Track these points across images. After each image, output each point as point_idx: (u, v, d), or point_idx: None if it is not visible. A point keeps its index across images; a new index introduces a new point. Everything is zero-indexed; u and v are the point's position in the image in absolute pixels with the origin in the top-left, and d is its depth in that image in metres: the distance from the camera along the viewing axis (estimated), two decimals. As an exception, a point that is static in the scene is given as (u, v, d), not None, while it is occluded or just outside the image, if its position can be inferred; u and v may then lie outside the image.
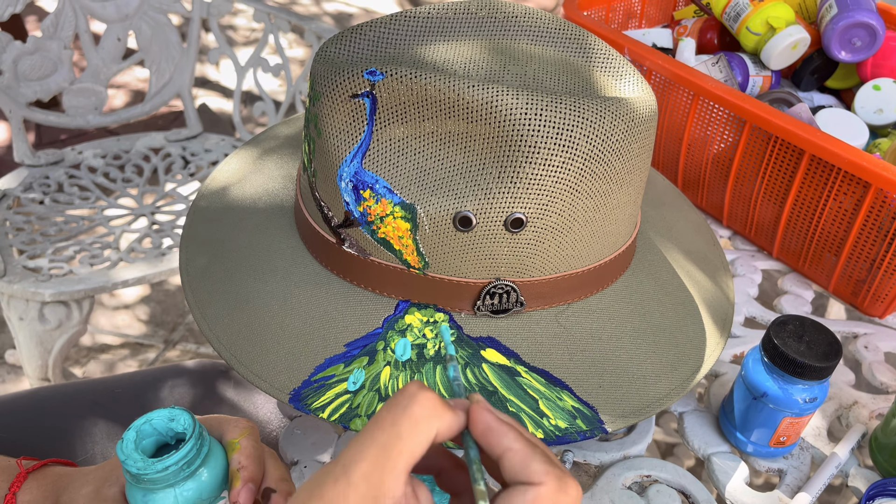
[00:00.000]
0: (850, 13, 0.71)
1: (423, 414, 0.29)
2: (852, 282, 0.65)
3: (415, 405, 0.29)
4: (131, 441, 0.38)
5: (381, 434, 0.29)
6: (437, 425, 0.30)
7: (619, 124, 0.44)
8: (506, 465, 0.30)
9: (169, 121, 1.95)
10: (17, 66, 1.17)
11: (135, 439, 0.38)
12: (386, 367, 0.45)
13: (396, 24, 0.48)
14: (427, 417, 0.29)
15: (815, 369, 0.47)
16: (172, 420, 0.40)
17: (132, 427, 0.39)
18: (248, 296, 0.49)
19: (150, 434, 0.40)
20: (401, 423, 0.29)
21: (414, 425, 0.29)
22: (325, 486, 0.28)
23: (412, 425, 0.29)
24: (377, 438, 0.29)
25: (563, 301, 0.49)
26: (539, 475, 0.29)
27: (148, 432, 0.39)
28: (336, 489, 0.28)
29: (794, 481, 0.52)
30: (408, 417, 0.29)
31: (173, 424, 0.40)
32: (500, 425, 0.31)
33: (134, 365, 1.41)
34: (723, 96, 0.65)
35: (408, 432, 0.29)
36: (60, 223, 1.14)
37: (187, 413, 0.40)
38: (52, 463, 0.45)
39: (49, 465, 0.45)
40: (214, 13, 1.28)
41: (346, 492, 0.28)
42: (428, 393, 0.30)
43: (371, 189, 0.45)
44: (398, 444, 0.29)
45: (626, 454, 0.53)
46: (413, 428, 0.29)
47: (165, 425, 0.40)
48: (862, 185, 0.59)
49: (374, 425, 0.29)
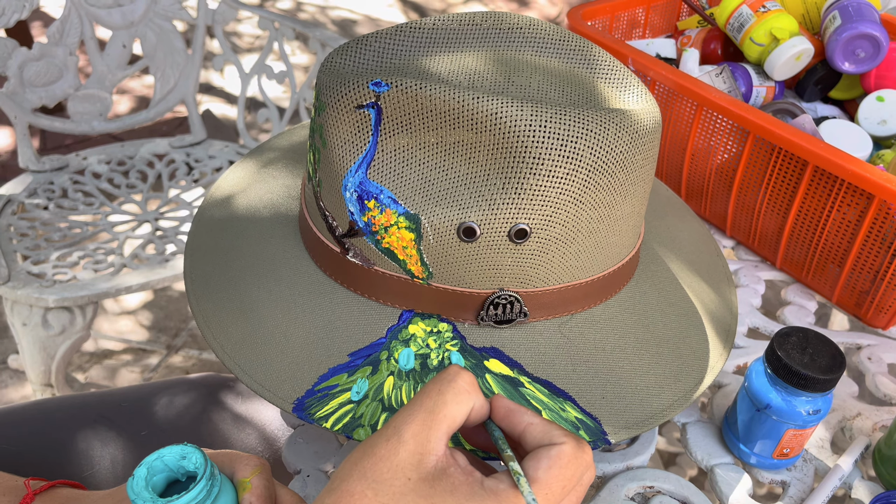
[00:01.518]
0: (854, 24, 0.72)
1: (465, 388, 0.35)
2: (856, 293, 0.65)
3: (459, 379, 0.35)
4: (142, 479, 0.37)
5: (429, 400, 0.34)
6: (475, 400, 0.35)
7: (623, 136, 0.44)
8: (528, 436, 0.35)
9: (173, 127, 1.96)
10: (22, 72, 1.17)
11: (145, 476, 0.37)
12: (389, 376, 0.45)
13: (401, 36, 0.48)
14: (468, 391, 0.35)
15: (818, 381, 0.47)
16: (184, 458, 0.38)
17: (143, 464, 0.38)
18: (252, 304, 0.49)
19: (161, 470, 0.38)
20: (446, 392, 0.34)
21: (457, 394, 0.34)
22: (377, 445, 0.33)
23: (455, 394, 0.34)
24: (425, 404, 0.34)
25: (567, 312, 0.49)
26: (560, 437, 0.35)
27: (159, 468, 0.38)
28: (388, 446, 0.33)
29: (797, 493, 0.52)
30: (452, 388, 0.34)
31: (185, 462, 0.38)
32: (518, 407, 0.36)
33: (136, 371, 1.41)
34: (726, 107, 0.66)
35: (452, 400, 0.34)
36: (64, 229, 1.14)
37: (199, 451, 0.39)
38: (60, 484, 0.45)
39: (57, 486, 0.45)
40: (219, 20, 1.29)
41: (396, 448, 0.33)
42: (469, 374, 0.36)
43: (376, 199, 0.45)
44: (444, 409, 0.34)
45: (629, 465, 0.53)
46: (456, 397, 0.34)
47: (177, 462, 0.38)
48: (865, 196, 0.59)
49: (421, 394, 0.35)
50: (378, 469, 0.32)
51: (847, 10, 0.74)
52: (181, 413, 0.64)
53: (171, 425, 0.63)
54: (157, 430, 0.62)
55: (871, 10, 0.74)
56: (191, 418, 0.63)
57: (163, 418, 0.63)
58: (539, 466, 0.34)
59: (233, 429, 0.64)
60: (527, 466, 0.34)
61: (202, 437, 0.62)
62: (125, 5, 1.22)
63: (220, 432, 0.63)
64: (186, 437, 0.61)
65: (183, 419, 0.63)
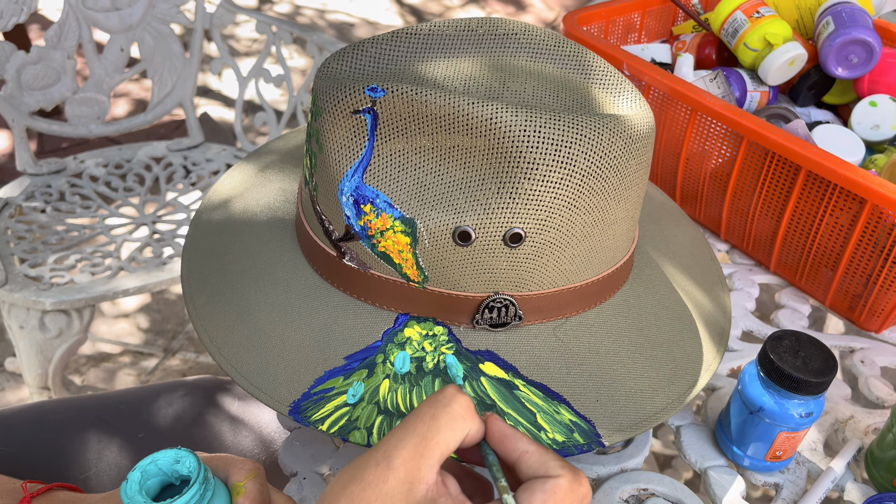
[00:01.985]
0: (847, 30, 0.72)
1: (461, 413, 0.33)
2: (849, 296, 0.66)
3: (455, 404, 0.33)
4: (136, 482, 0.37)
5: (422, 425, 0.32)
6: (470, 425, 0.33)
7: (617, 141, 0.44)
8: (524, 465, 0.34)
9: (170, 130, 1.96)
10: (20, 76, 1.18)
11: (139, 480, 0.37)
12: (385, 379, 0.46)
13: (397, 41, 0.49)
14: (463, 417, 0.33)
15: (810, 384, 0.48)
16: (178, 462, 0.39)
17: (137, 468, 0.38)
18: (249, 308, 0.50)
19: (154, 474, 0.39)
20: (441, 418, 0.33)
21: (451, 420, 0.33)
22: (366, 470, 0.32)
23: (450, 420, 0.33)
24: (417, 429, 0.32)
25: (562, 315, 0.49)
26: (556, 469, 0.33)
27: (153, 472, 0.39)
28: (377, 472, 0.31)
29: (790, 495, 0.53)
30: (447, 413, 0.33)
31: (178, 466, 0.39)
32: (514, 432, 0.35)
33: (134, 374, 1.41)
34: (720, 112, 0.66)
35: (446, 426, 0.32)
36: (62, 232, 1.14)
37: (193, 455, 0.39)
38: (58, 487, 0.45)
39: (54, 489, 0.45)
40: (217, 24, 1.29)
41: (385, 475, 0.31)
42: (466, 396, 0.34)
43: (372, 203, 0.45)
44: (437, 436, 0.32)
45: (624, 467, 0.53)
46: (451, 423, 0.33)
47: (171, 466, 0.39)
48: (858, 200, 0.60)
49: (414, 417, 0.33)
50: (366, 496, 0.31)
51: (840, 15, 0.74)
52: (178, 416, 0.64)
53: (167, 428, 0.63)
54: (154, 432, 0.62)
55: (864, 15, 0.74)
56: (187, 421, 0.64)
57: (160, 421, 0.63)
58: (534, 500, 0.32)
59: (229, 431, 0.64)
60: (521, 499, 0.33)
61: (199, 439, 0.63)
62: (123, 9, 1.23)
63: (216, 435, 0.64)
64: (183, 440, 0.62)
65: (180, 422, 0.63)
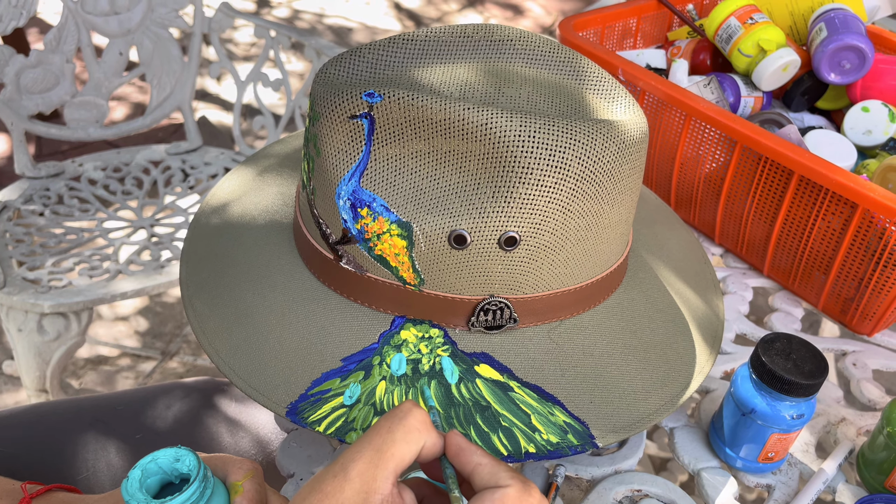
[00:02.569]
0: (840, 36, 0.73)
1: (416, 426, 0.34)
2: (841, 300, 0.66)
3: (410, 417, 0.35)
4: (136, 480, 0.38)
5: (378, 438, 0.34)
6: (425, 438, 0.35)
7: (611, 146, 0.45)
8: (476, 477, 0.35)
9: (169, 133, 1.96)
10: (19, 79, 1.18)
11: (139, 478, 0.38)
12: (381, 381, 0.46)
13: (394, 47, 0.49)
14: (418, 430, 0.34)
15: (801, 386, 0.48)
16: (178, 460, 0.39)
17: (137, 466, 0.39)
18: (246, 310, 0.50)
19: (154, 472, 0.39)
20: (396, 431, 0.34)
21: (407, 433, 0.34)
22: (324, 482, 0.33)
23: (405, 433, 0.34)
24: (374, 441, 0.34)
25: (556, 317, 0.50)
26: (506, 479, 0.34)
27: (153, 471, 0.39)
28: (334, 483, 0.33)
29: (782, 497, 0.53)
30: (403, 426, 0.34)
31: (178, 465, 0.39)
32: (469, 446, 0.36)
33: (132, 377, 1.41)
34: (714, 117, 0.67)
35: (402, 439, 0.34)
36: (60, 235, 1.15)
37: (193, 454, 0.39)
38: (56, 488, 0.46)
39: (53, 489, 0.45)
40: (216, 28, 1.30)
41: (342, 486, 0.32)
42: (420, 410, 0.35)
43: (368, 207, 0.46)
44: (391, 448, 0.33)
45: (618, 469, 0.54)
46: (406, 436, 0.34)
47: (171, 465, 0.39)
48: (849, 205, 0.60)
49: (371, 431, 0.34)
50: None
51: (833, 22, 0.75)
52: (176, 417, 0.64)
53: (165, 429, 0.63)
54: (152, 433, 0.63)
55: (857, 22, 0.75)
56: (185, 422, 0.64)
57: (157, 422, 0.64)
58: None
59: (227, 432, 0.64)
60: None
61: (196, 440, 0.63)
62: (122, 13, 1.23)
63: (214, 436, 0.64)
64: (181, 441, 0.62)
65: (177, 423, 0.64)
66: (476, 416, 0.46)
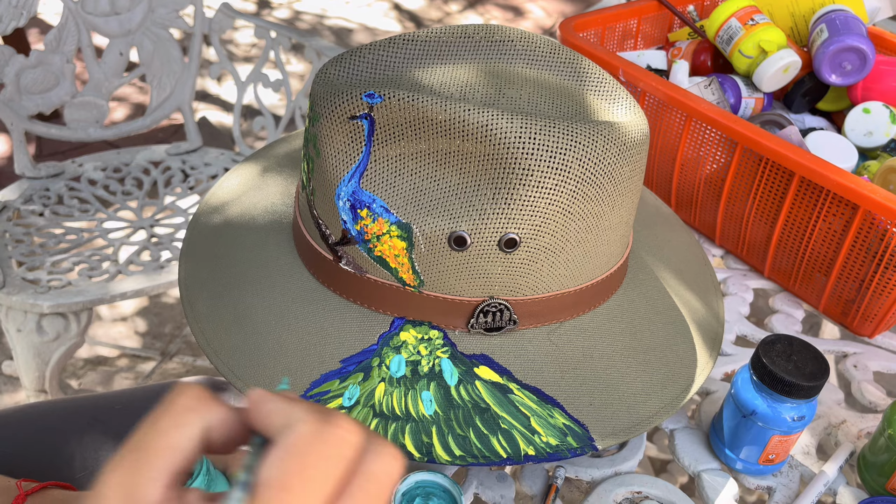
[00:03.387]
0: (841, 38, 0.73)
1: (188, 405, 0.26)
2: (842, 301, 0.66)
3: (180, 398, 0.26)
4: None
5: (140, 435, 0.25)
6: (205, 417, 0.26)
7: (611, 148, 0.45)
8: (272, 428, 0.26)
9: (169, 134, 1.96)
10: (19, 80, 1.18)
11: None
12: (381, 383, 0.46)
13: (395, 48, 0.49)
14: (192, 409, 0.26)
15: (802, 388, 0.48)
16: None
17: None
18: (245, 311, 0.50)
19: None
20: (161, 420, 0.25)
21: (175, 417, 0.25)
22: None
23: (173, 418, 0.25)
24: (135, 441, 0.25)
25: (556, 319, 0.50)
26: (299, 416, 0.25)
27: None
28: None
29: (782, 499, 0.53)
30: (170, 412, 0.26)
31: None
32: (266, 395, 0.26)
33: (131, 377, 1.41)
34: (715, 118, 0.67)
35: (170, 425, 0.25)
36: (60, 235, 1.15)
37: None
38: (52, 485, 0.46)
39: (48, 487, 0.45)
40: (216, 28, 1.30)
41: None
42: (196, 387, 0.27)
43: (368, 208, 0.46)
44: (157, 441, 0.25)
45: (618, 470, 0.54)
46: (174, 421, 0.25)
47: None
48: (850, 206, 0.60)
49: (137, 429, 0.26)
50: None
51: (834, 23, 0.75)
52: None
53: None
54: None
55: (858, 23, 0.75)
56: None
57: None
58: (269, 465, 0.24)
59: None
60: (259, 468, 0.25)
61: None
62: (122, 14, 1.23)
63: None
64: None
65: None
66: (475, 418, 0.45)
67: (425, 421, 0.45)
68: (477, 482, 0.52)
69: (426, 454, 0.44)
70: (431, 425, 0.45)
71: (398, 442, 0.44)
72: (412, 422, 0.45)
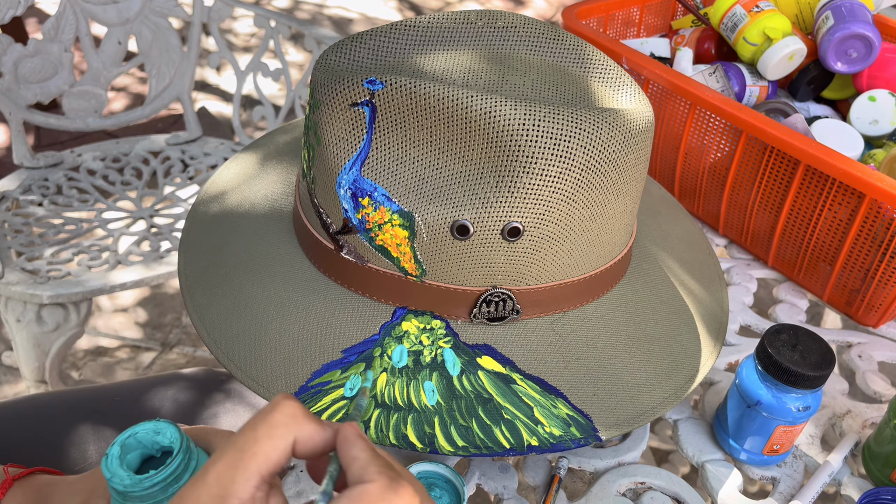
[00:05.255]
0: (846, 25, 0.72)
1: (282, 420, 0.31)
2: (846, 291, 0.66)
3: (275, 412, 0.31)
4: (115, 457, 0.37)
5: (241, 437, 0.31)
6: (294, 432, 0.31)
7: (616, 135, 0.44)
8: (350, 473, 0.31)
9: (168, 124, 1.95)
10: (17, 69, 1.17)
11: (119, 455, 0.37)
12: (382, 373, 0.46)
13: (396, 34, 0.48)
14: (285, 423, 0.31)
15: (808, 378, 0.48)
16: (158, 433, 0.38)
17: (116, 442, 0.37)
18: (246, 301, 0.49)
19: (134, 447, 0.38)
20: (259, 428, 0.31)
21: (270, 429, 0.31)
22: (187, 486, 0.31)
23: (269, 429, 0.31)
24: (237, 441, 0.31)
25: (559, 309, 0.49)
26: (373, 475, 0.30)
27: (133, 446, 0.38)
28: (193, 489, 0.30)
29: (787, 489, 0.53)
30: (266, 422, 0.31)
31: (159, 438, 0.38)
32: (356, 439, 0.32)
33: (131, 367, 1.41)
34: (719, 106, 0.66)
35: (264, 436, 0.31)
36: (59, 226, 1.14)
37: (173, 426, 0.38)
38: (39, 471, 0.45)
39: (35, 472, 0.45)
40: (215, 17, 1.29)
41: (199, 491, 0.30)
42: (291, 402, 0.32)
43: (370, 197, 0.45)
44: (253, 447, 0.30)
45: (621, 461, 0.53)
46: (270, 431, 0.31)
47: (151, 438, 0.38)
48: (856, 195, 0.59)
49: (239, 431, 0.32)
50: None
51: (840, 10, 0.74)
52: (174, 407, 0.64)
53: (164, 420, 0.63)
54: (151, 425, 0.62)
55: (863, 10, 0.74)
56: (183, 413, 0.64)
57: (156, 412, 0.63)
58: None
59: (226, 422, 0.64)
60: None
61: (195, 432, 0.63)
62: (120, 2, 1.22)
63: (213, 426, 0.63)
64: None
65: (176, 413, 0.63)
66: (478, 408, 0.45)
67: (428, 411, 0.45)
68: (479, 473, 0.52)
69: (428, 445, 0.44)
70: (434, 416, 0.45)
71: (400, 433, 0.44)
72: (414, 412, 0.45)
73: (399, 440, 0.44)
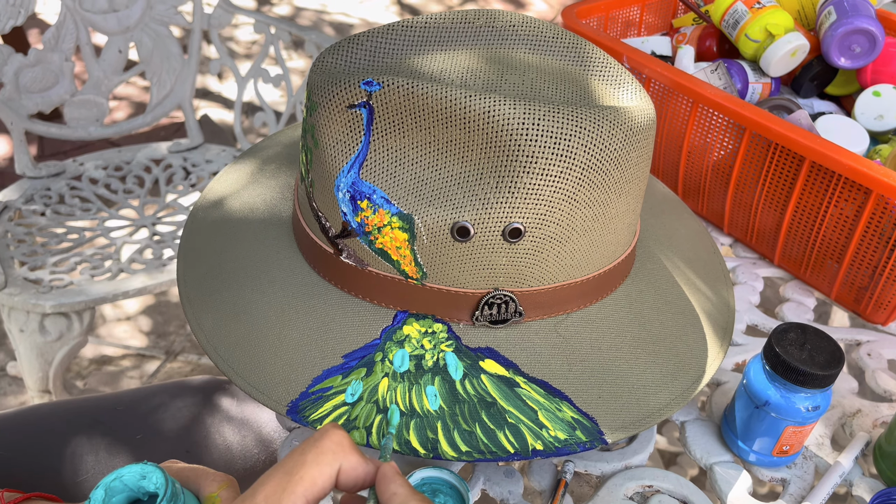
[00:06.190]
0: (850, 20, 0.71)
1: (330, 447, 0.33)
2: (854, 289, 0.65)
3: (325, 439, 0.34)
4: (99, 500, 0.36)
5: (289, 461, 0.33)
6: (340, 460, 0.33)
7: (618, 134, 0.43)
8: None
9: (170, 132, 1.95)
10: (18, 79, 1.17)
11: (103, 499, 0.36)
12: (384, 378, 0.45)
13: (393, 34, 0.48)
14: (333, 451, 0.33)
15: (817, 377, 0.47)
16: (144, 478, 0.37)
17: (101, 485, 0.36)
18: (245, 306, 0.49)
19: (120, 490, 0.37)
20: (308, 453, 0.33)
21: (318, 455, 0.33)
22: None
23: (317, 455, 0.33)
24: (286, 464, 0.33)
25: (563, 311, 0.49)
26: None
27: (118, 489, 0.37)
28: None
29: (797, 491, 0.52)
30: (315, 448, 0.33)
31: (144, 483, 0.37)
32: (396, 475, 0.34)
33: (135, 376, 1.41)
34: (722, 103, 0.65)
35: (312, 461, 0.33)
36: (61, 235, 1.14)
37: (160, 470, 0.37)
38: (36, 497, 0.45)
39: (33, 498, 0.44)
40: (215, 24, 1.29)
41: None
42: (339, 431, 0.34)
43: (368, 199, 0.45)
44: (301, 471, 0.32)
45: (628, 464, 0.53)
46: (317, 458, 0.33)
47: (136, 482, 0.37)
48: (863, 191, 0.59)
49: (288, 455, 0.33)
50: None
51: (842, 5, 0.74)
52: (176, 416, 0.63)
53: (165, 429, 0.62)
54: (152, 433, 0.62)
55: (866, 5, 0.73)
56: (185, 421, 0.63)
57: (158, 422, 0.63)
58: None
59: (228, 431, 0.63)
60: None
61: (197, 439, 0.62)
62: (121, 10, 1.22)
63: (214, 435, 0.63)
64: (181, 440, 0.61)
65: (178, 422, 0.63)
66: (481, 412, 0.44)
67: (430, 416, 0.44)
68: (484, 478, 0.51)
69: (431, 450, 0.43)
70: (437, 420, 0.44)
71: (403, 438, 0.43)
72: (417, 417, 0.44)
73: (402, 446, 0.43)
